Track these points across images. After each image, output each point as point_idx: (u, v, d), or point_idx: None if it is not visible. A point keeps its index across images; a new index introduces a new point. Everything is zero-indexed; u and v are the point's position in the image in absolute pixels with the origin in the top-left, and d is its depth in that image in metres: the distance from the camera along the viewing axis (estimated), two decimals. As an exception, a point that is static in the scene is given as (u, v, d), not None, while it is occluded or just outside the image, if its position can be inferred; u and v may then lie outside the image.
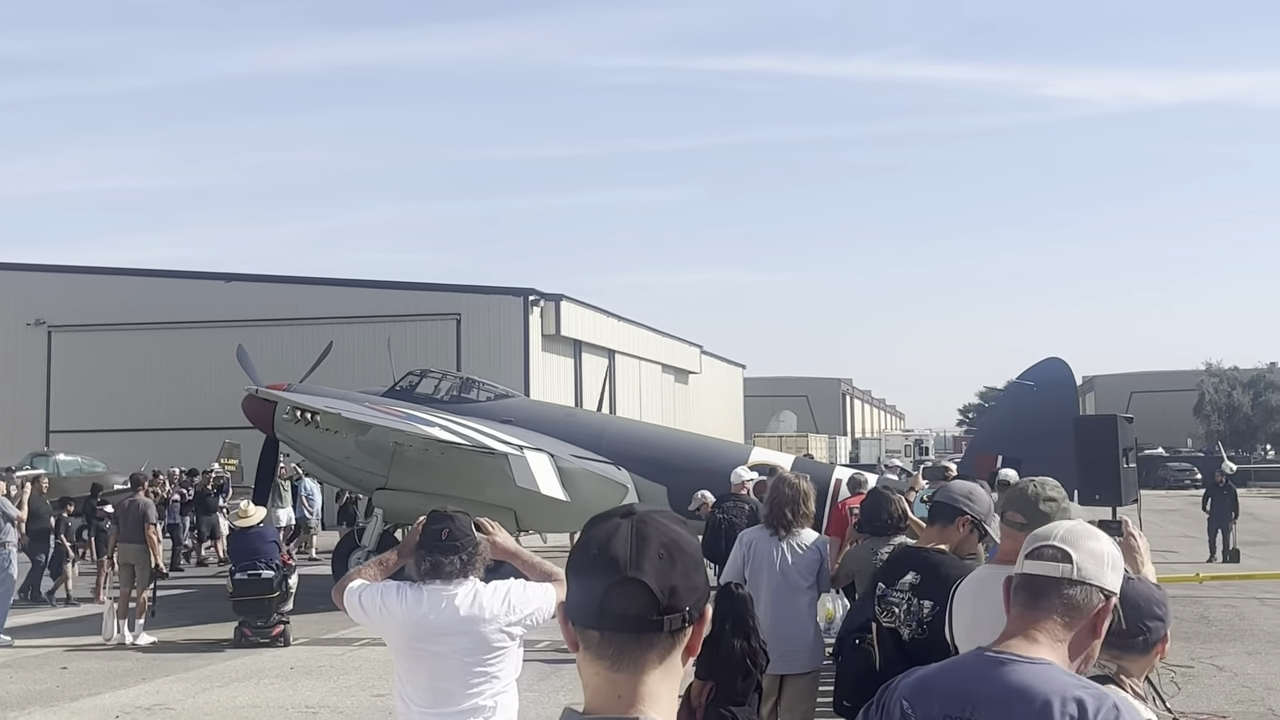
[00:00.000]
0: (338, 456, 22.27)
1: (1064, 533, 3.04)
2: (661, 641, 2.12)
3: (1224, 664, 14.66)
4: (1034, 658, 2.87)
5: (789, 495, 8.52)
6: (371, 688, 13.87)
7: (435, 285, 44.70)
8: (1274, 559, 27.37)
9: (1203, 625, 17.58)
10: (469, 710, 5.50)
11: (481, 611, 5.51)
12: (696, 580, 2.15)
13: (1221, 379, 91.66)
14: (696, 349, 64.16)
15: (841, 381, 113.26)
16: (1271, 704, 12.57)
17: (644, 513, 2.20)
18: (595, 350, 48.13)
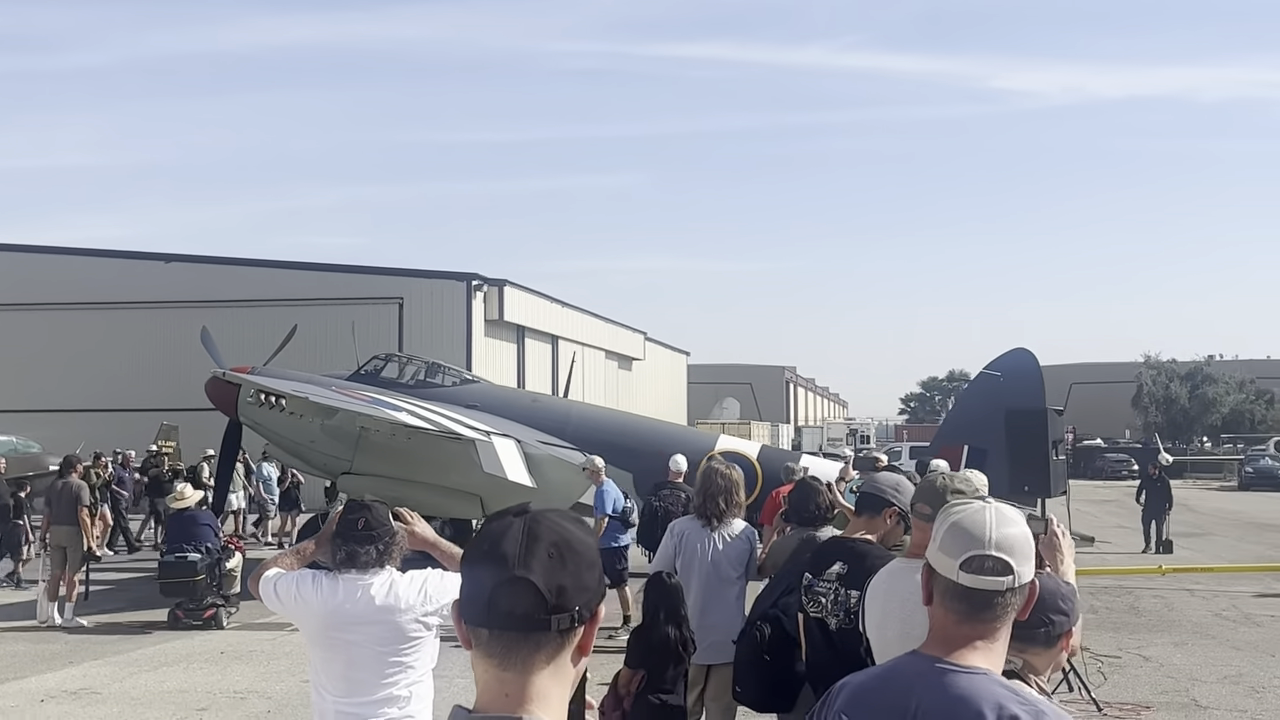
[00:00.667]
0: (302, 440, 22.14)
1: (997, 538, 2.94)
2: (550, 641, 2.11)
3: (1151, 654, 14.82)
4: (971, 667, 2.86)
5: (721, 485, 8.52)
6: (301, 673, 13.74)
7: (378, 269, 44.42)
8: (1208, 550, 27.73)
9: (1132, 616, 17.78)
10: (383, 700, 5.47)
11: (397, 601, 5.48)
12: (587, 580, 2.14)
13: (1160, 372, 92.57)
14: (640, 335, 64.16)
15: (785, 369, 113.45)
16: (1195, 694, 12.72)
17: (538, 511, 2.19)
18: (539, 336, 48.04)
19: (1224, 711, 12.03)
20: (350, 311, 40.43)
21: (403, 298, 42.23)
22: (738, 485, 8.63)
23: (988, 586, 2.90)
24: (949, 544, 2.98)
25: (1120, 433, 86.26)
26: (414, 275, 43.38)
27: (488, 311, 43.41)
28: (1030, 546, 2.99)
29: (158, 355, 41.85)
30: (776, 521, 9.61)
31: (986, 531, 2.94)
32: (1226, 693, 12.85)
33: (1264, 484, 57.86)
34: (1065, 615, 4.03)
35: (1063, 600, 4.05)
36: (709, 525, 8.41)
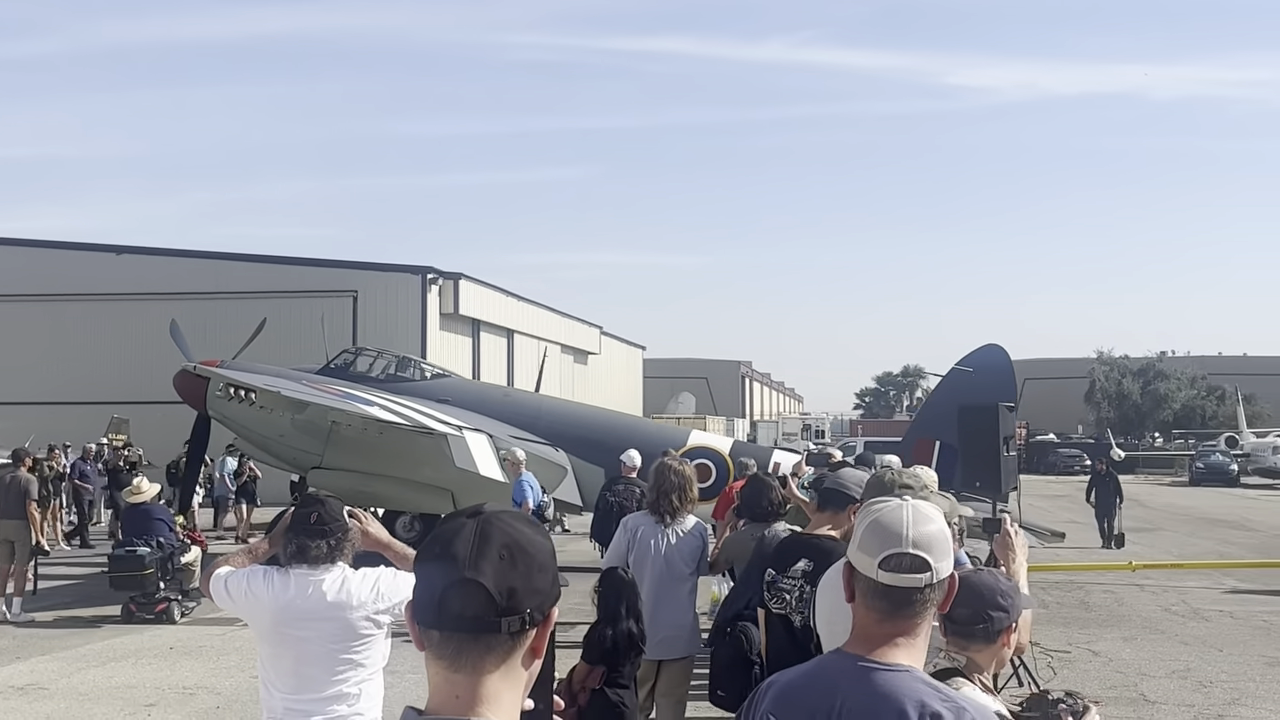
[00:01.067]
0: (272, 435, 21.99)
1: (914, 535, 2.95)
2: (500, 643, 2.10)
3: (1100, 649, 14.92)
4: (893, 664, 2.88)
5: (675, 482, 8.51)
6: (251, 669, 13.63)
7: (332, 261, 44.14)
8: (1158, 545, 28.00)
9: (1082, 611, 17.90)
10: (333, 697, 5.43)
11: (349, 598, 5.45)
12: (539, 583, 2.13)
13: (1112, 367, 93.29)
14: (596, 330, 64.16)
15: (741, 364, 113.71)
16: (1144, 689, 12.82)
17: (491, 513, 2.17)
18: (494, 330, 47.94)
19: (1172, 706, 12.12)
20: (304, 305, 40.23)
21: (357, 291, 42.01)
22: (691, 481, 8.63)
23: (906, 584, 2.92)
24: (868, 543, 3.00)
25: (1073, 428, 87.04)
26: (369, 268, 43.18)
27: (443, 305, 43.26)
28: (948, 543, 3.01)
29: (109, 347, 41.53)
30: (729, 517, 9.63)
31: (904, 530, 2.96)
32: (1175, 687, 12.96)
33: (1215, 479, 58.44)
34: (1005, 612, 4.04)
35: (1002, 597, 4.06)
36: (662, 521, 8.39)
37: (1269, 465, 58.69)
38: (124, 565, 16.96)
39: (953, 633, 4.03)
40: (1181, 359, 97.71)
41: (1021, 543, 5.12)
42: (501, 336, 48.65)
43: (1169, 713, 11.90)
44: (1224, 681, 13.23)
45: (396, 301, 41.84)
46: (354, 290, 42.04)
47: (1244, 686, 12.97)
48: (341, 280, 42.55)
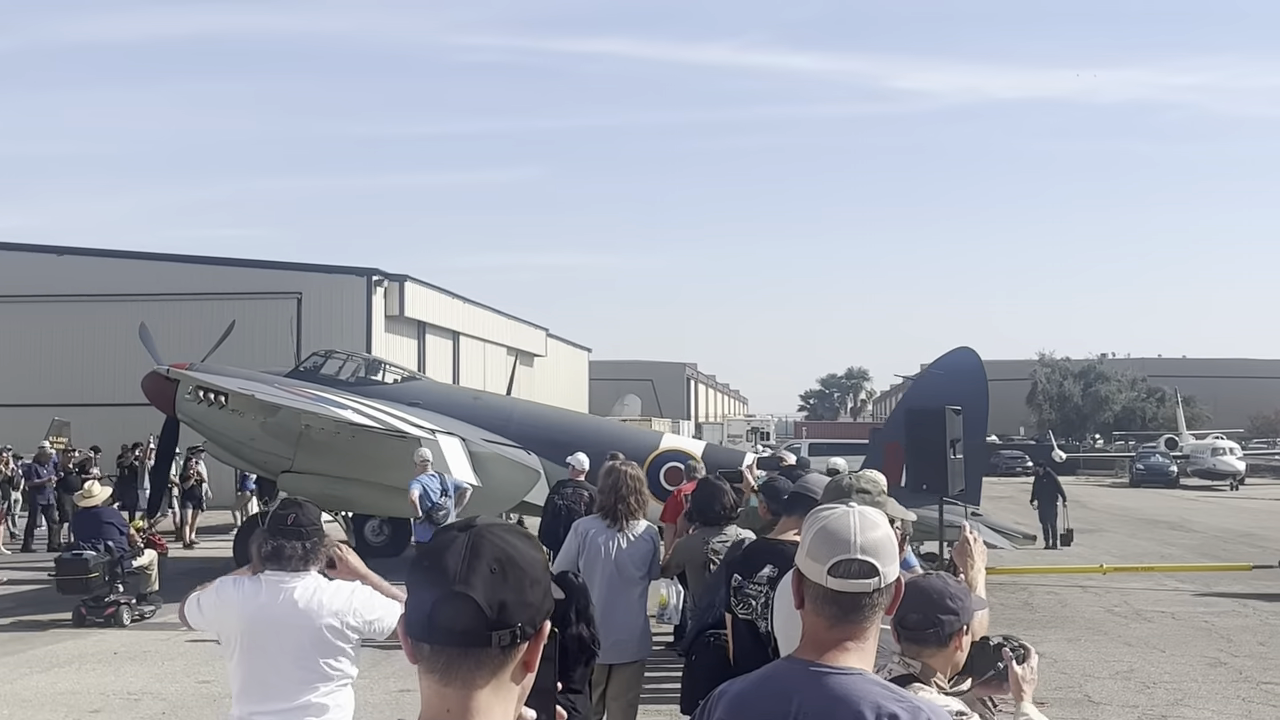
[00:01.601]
0: (242, 438, 21.77)
1: (861, 541, 2.97)
2: (491, 657, 2.10)
3: (1044, 650, 14.98)
4: (846, 668, 2.90)
5: (631, 485, 8.52)
6: (196, 674, 13.64)
7: (276, 263, 43.76)
8: (1101, 546, 28.25)
9: (1026, 612, 18.06)
10: (300, 707, 5.41)
11: (320, 607, 5.43)
12: (531, 596, 2.13)
13: (1054, 369, 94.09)
14: (542, 332, 64.08)
15: (686, 366, 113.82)
16: (1089, 690, 12.94)
17: (484, 526, 2.18)
18: (439, 332, 47.77)
19: (1116, 707, 12.24)
20: (247, 306, 39.88)
21: (301, 293, 41.69)
22: (644, 484, 8.64)
23: (855, 589, 2.95)
24: (816, 549, 3.01)
25: (1015, 430, 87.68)
26: (313, 270, 42.87)
27: (388, 307, 43.06)
28: (894, 547, 3.05)
29: (49, 350, 41.07)
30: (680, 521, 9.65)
31: (851, 536, 2.98)
32: (1119, 688, 13.09)
33: (1154, 480, 59.12)
34: (955, 615, 4.06)
35: (951, 600, 4.09)
36: (615, 525, 8.38)
37: (1208, 467, 59.34)
38: (69, 569, 16.87)
39: (905, 638, 4.06)
40: (1122, 361, 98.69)
41: (980, 549, 5.16)
42: (447, 339, 48.50)
43: (1113, 713, 12.02)
44: (1167, 682, 13.37)
45: (341, 303, 41.58)
46: (298, 292, 41.72)
47: (1187, 687, 13.12)
48: (285, 282, 42.22)
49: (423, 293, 45.82)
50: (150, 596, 17.61)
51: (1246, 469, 60.06)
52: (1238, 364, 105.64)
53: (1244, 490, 55.71)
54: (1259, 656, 14.83)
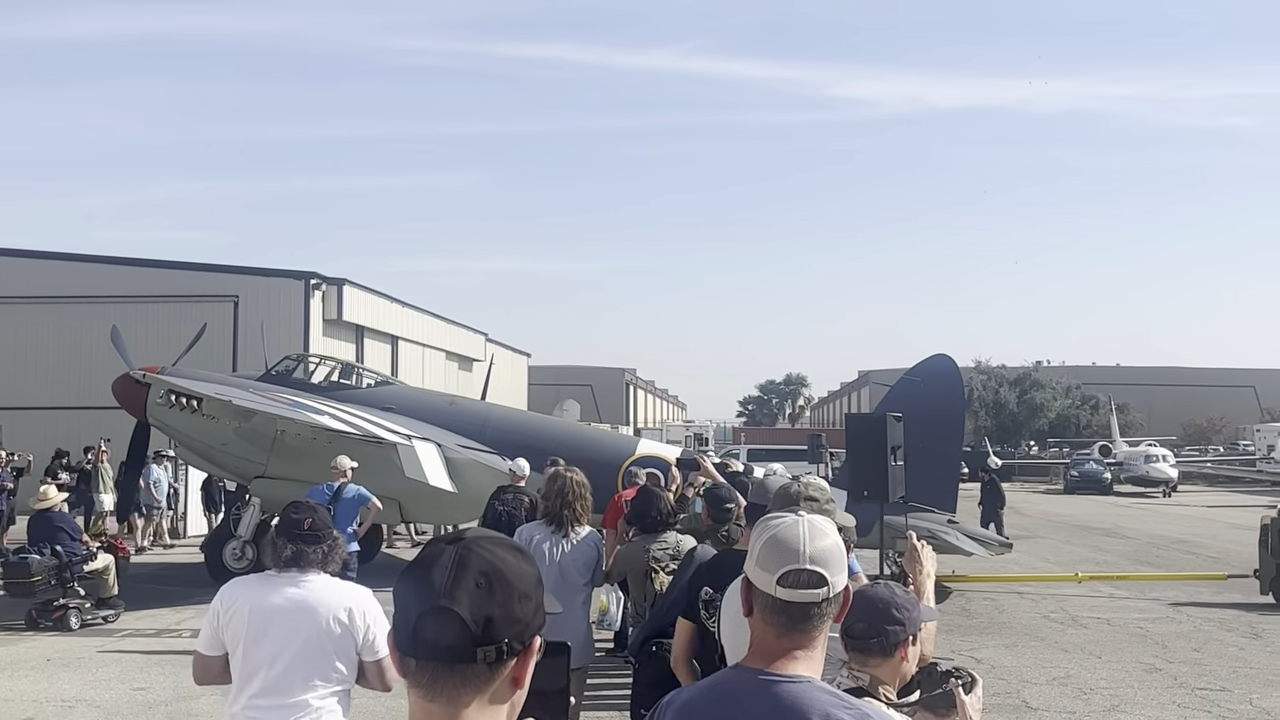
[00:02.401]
0: (214, 443, 21.47)
1: (810, 551, 2.95)
2: (477, 673, 2.06)
3: (982, 656, 15.14)
4: (794, 676, 2.88)
5: (579, 491, 8.51)
6: (131, 681, 13.48)
7: (212, 266, 43.45)
8: (1036, 552, 28.46)
9: (963, 618, 18.16)
10: (298, 705, 5.44)
11: (327, 609, 5.50)
12: (519, 612, 2.08)
13: (989, 376, 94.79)
14: (481, 336, 63.92)
15: (625, 371, 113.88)
16: (1026, 696, 13.02)
17: (473, 539, 2.14)
18: (378, 336, 47.54)
19: (1053, 713, 12.33)
20: (184, 309, 39.64)
21: (238, 296, 41.40)
22: (589, 490, 8.63)
23: (805, 599, 2.93)
24: (766, 559, 2.99)
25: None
26: (250, 273, 42.58)
27: (326, 311, 42.84)
28: (843, 556, 3.03)
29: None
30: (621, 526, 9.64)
31: (801, 545, 2.96)
32: (1055, 694, 13.18)
33: (1088, 487, 59.76)
34: (901, 625, 4.05)
35: (897, 610, 4.08)
36: (560, 531, 8.36)
37: (1141, 474, 60.01)
38: (13, 573, 16.85)
39: (852, 647, 4.06)
40: (1057, 369, 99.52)
41: (929, 556, 5.17)
42: (386, 343, 48.29)
43: (1051, 719, 12.10)
44: (1103, 688, 13.49)
45: (279, 307, 41.25)
46: (235, 295, 41.43)
47: (1123, 693, 13.23)
48: (222, 285, 41.91)
49: (361, 296, 45.60)
50: (112, 601, 17.52)
51: (1179, 476, 60.83)
52: (1171, 372, 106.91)
53: (1176, 497, 56.39)
54: (1194, 663, 14.99)
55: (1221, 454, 77.59)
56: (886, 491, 15.67)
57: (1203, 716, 12.21)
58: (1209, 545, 31.05)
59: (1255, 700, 12.89)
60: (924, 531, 20.06)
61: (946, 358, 22.64)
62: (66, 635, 16.45)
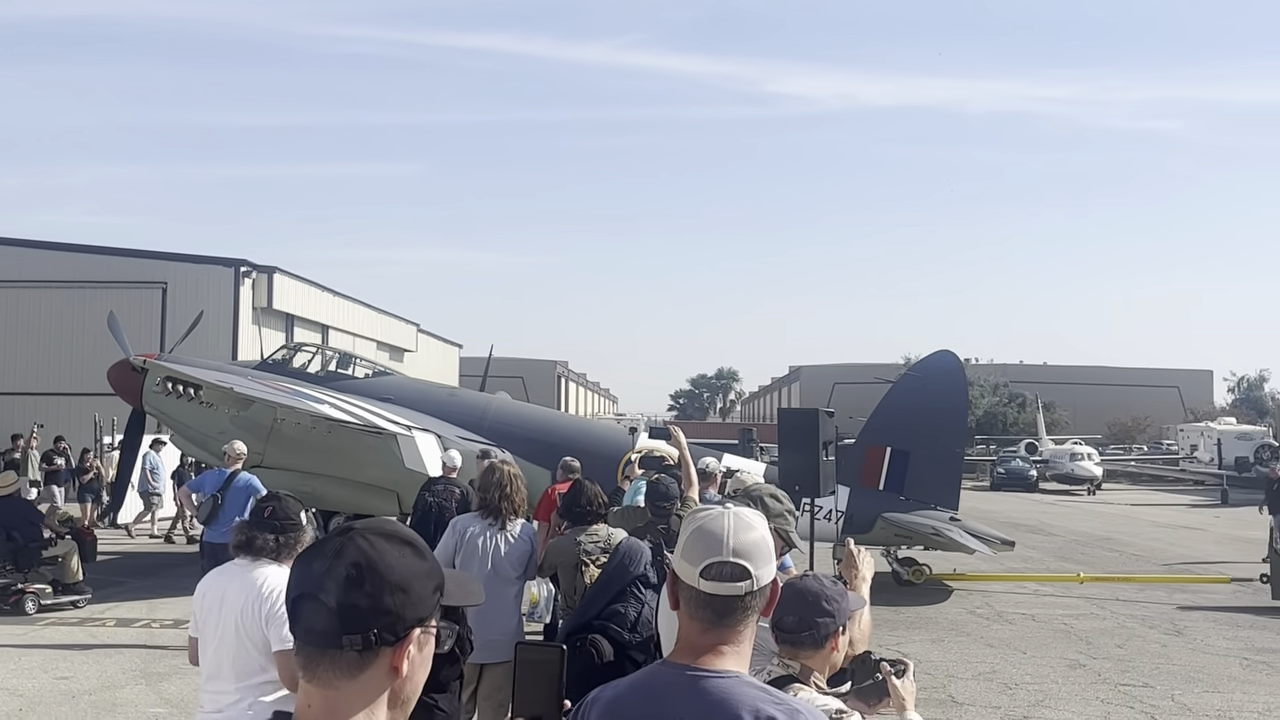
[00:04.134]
0: (210, 431, 21.07)
1: (734, 544, 2.93)
2: (347, 659, 2.09)
3: (909, 651, 15.19)
4: (722, 671, 2.85)
5: (517, 484, 8.50)
6: (54, 669, 13.32)
7: (140, 251, 42.93)
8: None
9: (891, 613, 18.24)
10: (228, 692, 5.50)
11: (249, 598, 5.53)
12: (390, 603, 2.11)
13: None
14: (413, 327, 63.65)
15: (557, 364, 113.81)
16: (953, 691, 13.14)
17: (360, 529, 2.18)
18: (309, 325, 47.18)
19: (979, 708, 12.44)
20: (110, 296, 39.12)
21: (166, 282, 41.01)
22: (524, 482, 8.62)
23: (727, 592, 2.90)
24: (690, 551, 2.97)
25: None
26: (179, 260, 42.15)
27: (256, 299, 42.49)
28: (769, 550, 2.98)
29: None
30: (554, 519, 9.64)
31: (725, 538, 2.93)
32: (981, 689, 13.31)
33: (1015, 484, 60.34)
34: (831, 617, 4.08)
35: (827, 602, 4.10)
36: (496, 522, 8.34)
37: (1066, 472, 60.72)
38: None
39: (783, 640, 4.07)
40: (985, 366, 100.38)
41: (868, 562, 5.24)
42: (316, 332, 47.91)
43: (976, 714, 12.21)
44: (1028, 683, 13.63)
45: (208, 294, 40.80)
46: (163, 282, 41.02)
47: (1048, 688, 13.38)
48: (150, 271, 41.48)
49: (292, 285, 45.26)
50: (79, 587, 17.44)
51: (1103, 474, 61.59)
52: (1097, 371, 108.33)
53: (1100, 495, 57.09)
54: (1117, 659, 15.18)
55: (1145, 453, 78.63)
56: (818, 486, 15.72)
57: (1125, 712, 12.36)
58: (1132, 543, 31.44)
59: (1177, 696, 13.08)
60: (928, 528, 20.14)
61: (950, 354, 22.67)
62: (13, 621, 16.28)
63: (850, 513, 20.78)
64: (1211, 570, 25.06)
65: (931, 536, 20.35)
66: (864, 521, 20.65)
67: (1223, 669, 14.67)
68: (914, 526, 20.43)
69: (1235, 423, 69.94)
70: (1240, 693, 13.36)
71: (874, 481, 21.07)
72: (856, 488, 21.10)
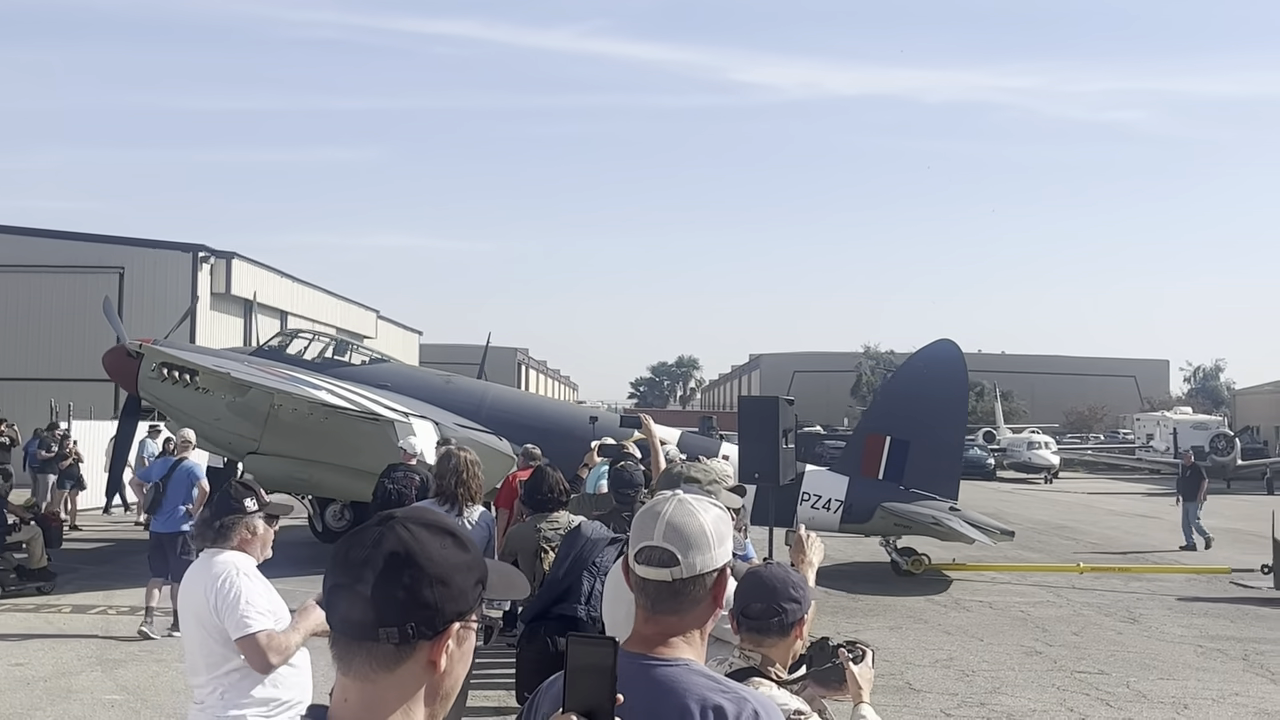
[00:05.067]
0: (207, 418, 20.83)
1: (665, 528, 2.91)
2: (383, 652, 2.05)
3: (867, 639, 15.20)
4: (670, 659, 2.84)
5: (474, 470, 8.50)
6: (10, 656, 13.25)
7: (97, 236, 42.56)
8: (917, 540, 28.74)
9: (849, 600, 18.36)
10: (201, 685, 5.45)
11: (204, 588, 5.48)
12: (428, 596, 2.05)
13: (878, 361, 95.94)
14: (373, 313, 63.46)
15: (518, 351, 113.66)
16: (910, 678, 13.22)
17: (400, 519, 2.13)
18: (267, 311, 46.85)
19: (936, 694, 12.52)
20: (66, 281, 38.92)
21: (124, 267, 40.68)
22: (481, 469, 8.62)
23: (654, 577, 2.89)
24: (633, 536, 2.98)
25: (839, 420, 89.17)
26: (136, 244, 41.82)
27: (214, 284, 42.23)
28: (710, 538, 2.92)
29: None
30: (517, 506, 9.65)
31: (659, 523, 2.92)
32: (939, 676, 13.40)
33: (972, 473, 60.48)
34: (797, 604, 4.09)
35: (793, 589, 4.11)
36: (453, 509, 8.33)
37: (1024, 460, 61.15)
38: None
39: (747, 628, 4.07)
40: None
41: (817, 547, 5.24)
42: (275, 318, 47.65)
43: (933, 700, 12.28)
44: (985, 670, 13.72)
45: (166, 279, 40.61)
46: (120, 266, 40.70)
47: (1004, 675, 13.47)
48: (107, 256, 41.14)
49: (250, 270, 44.99)
50: (44, 573, 17.40)
51: (1060, 463, 62.07)
52: (1054, 361, 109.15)
53: (1057, 483, 57.60)
54: (1073, 646, 15.30)
55: (1102, 442, 79.21)
56: (778, 474, 15.76)
57: (1081, 699, 12.46)
58: (1089, 531, 31.69)
59: (1132, 683, 13.19)
60: (927, 517, 20.14)
61: (950, 343, 22.56)
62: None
63: (850, 502, 20.85)
64: (1168, 559, 25.29)
65: (931, 526, 20.34)
66: (864, 511, 20.76)
67: (1177, 656, 14.81)
68: (914, 515, 20.45)
69: (1191, 412, 70.67)
70: (1194, 680, 13.49)
71: (873, 470, 21.15)
72: (856, 477, 21.20)
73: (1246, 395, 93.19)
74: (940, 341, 22.63)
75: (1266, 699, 12.61)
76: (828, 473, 22.03)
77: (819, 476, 21.65)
